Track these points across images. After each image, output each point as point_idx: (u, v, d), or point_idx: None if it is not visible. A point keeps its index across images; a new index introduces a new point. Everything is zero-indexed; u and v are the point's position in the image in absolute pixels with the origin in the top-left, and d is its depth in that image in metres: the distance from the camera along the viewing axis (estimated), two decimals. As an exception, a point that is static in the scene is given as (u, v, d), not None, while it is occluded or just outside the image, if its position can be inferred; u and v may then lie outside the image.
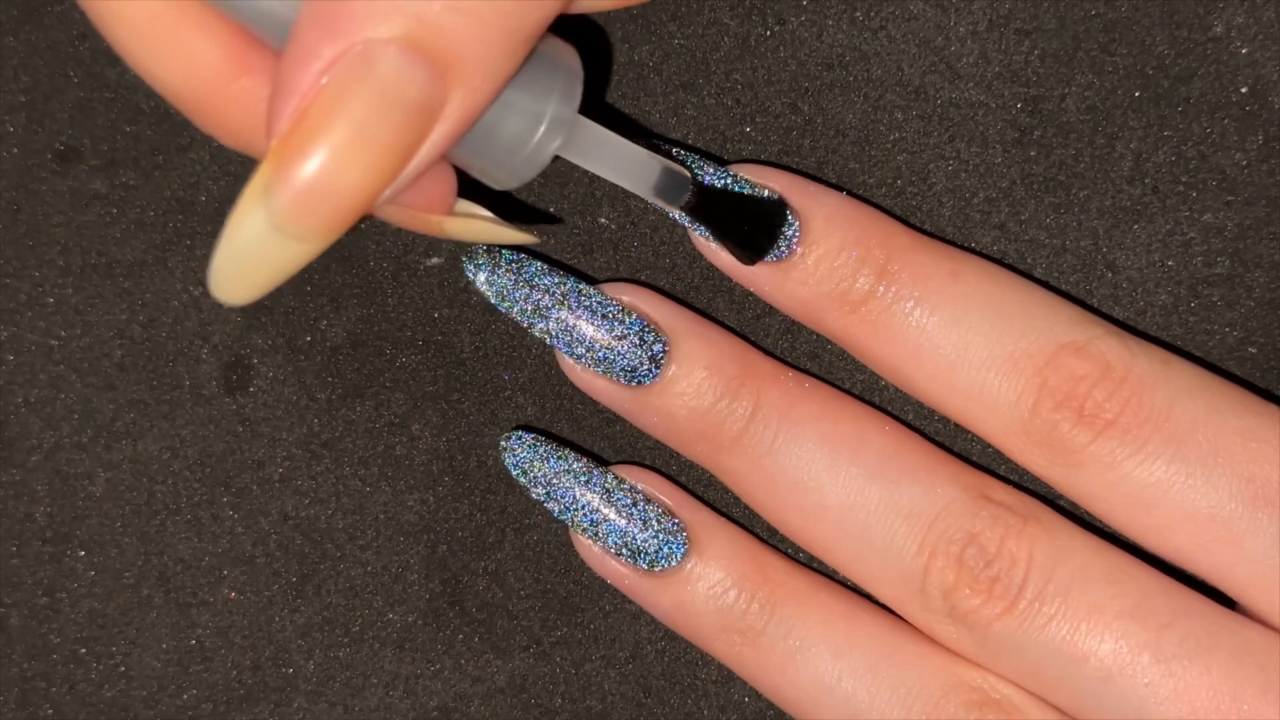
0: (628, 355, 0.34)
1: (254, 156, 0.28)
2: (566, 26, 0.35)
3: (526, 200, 0.36)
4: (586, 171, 0.35)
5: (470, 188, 0.30)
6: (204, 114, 0.28)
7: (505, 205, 0.35)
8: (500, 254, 0.34)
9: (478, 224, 0.30)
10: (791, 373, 0.35)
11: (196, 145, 0.36)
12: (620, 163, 0.31)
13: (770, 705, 0.36)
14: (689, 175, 0.31)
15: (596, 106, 0.35)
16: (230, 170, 0.36)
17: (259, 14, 0.27)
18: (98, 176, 0.36)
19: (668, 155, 0.33)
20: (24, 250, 0.36)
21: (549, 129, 0.29)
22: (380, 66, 0.25)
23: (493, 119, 0.28)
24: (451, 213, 0.30)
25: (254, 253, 0.26)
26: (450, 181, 0.29)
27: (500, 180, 0.29)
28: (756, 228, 0.33)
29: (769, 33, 0.35)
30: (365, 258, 0.36)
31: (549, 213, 0.36)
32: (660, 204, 0.31)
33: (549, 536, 0.37)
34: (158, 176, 0.36)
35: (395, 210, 0.29)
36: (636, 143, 0.31)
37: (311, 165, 0.25)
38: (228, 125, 0.28)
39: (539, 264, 0.34)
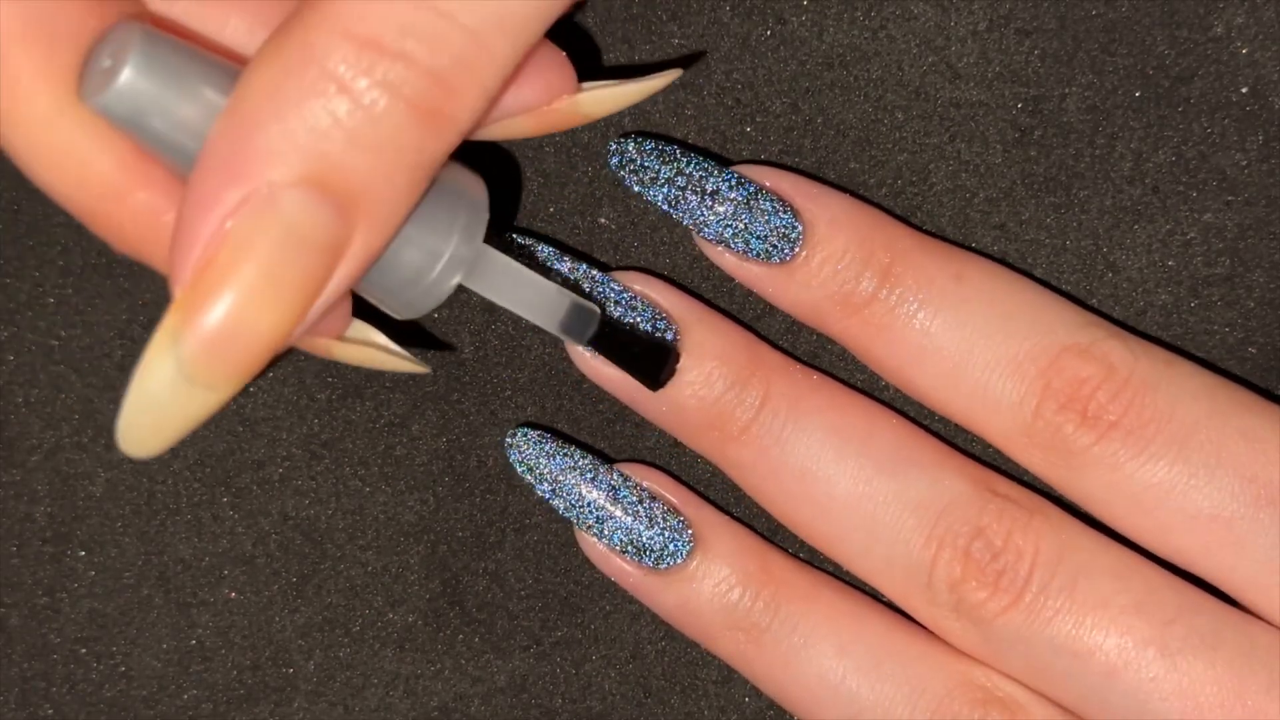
0: None
1: (148, 265, 0.28)
2: (559, 28, 0.35)
3: (525, 200, 0.36)
4: (586, 171, 0.36)
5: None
6: (98, 224, 0.28)
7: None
8: (511, 240, 0.34)
9: (369, 352, 0.30)
10: (799, 365, 0.35)
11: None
12: (526, 296, 0.31)
13: (770, 705, 0.36)
14: (597, 311, 0.31)
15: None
16: (230, 170, 0.36)
17: (160, 140, 0.26)
18: (98, 176, 0.36)
19: (576, 288, 0.33)
20: (24, 250, 0.36)
21: (447, 266, 0.28)
22: (286, 209, 0.25)
23: (392, 251, 0.27)
24: (343, 338, 0.30)
25: (164, 404, 0.26)
26: (345, 308, 0.29)
27: (398, 310, 0.29)
28: (654, 364, 0.33)
29: (769, 33, 0.35)
30: (365, 258, 0.36)
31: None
32: (565, 338, 0.31)
33: (549, 536, 0.37)
34: (158, 176, 0.36)
35: None
36: (550, 277, 0.31)
37: (220, 312, 0.25)
38: (123, 237, 0.28)
39: (551, 250, 0.34)
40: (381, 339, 0.30)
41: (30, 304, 0.36)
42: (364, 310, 0.30)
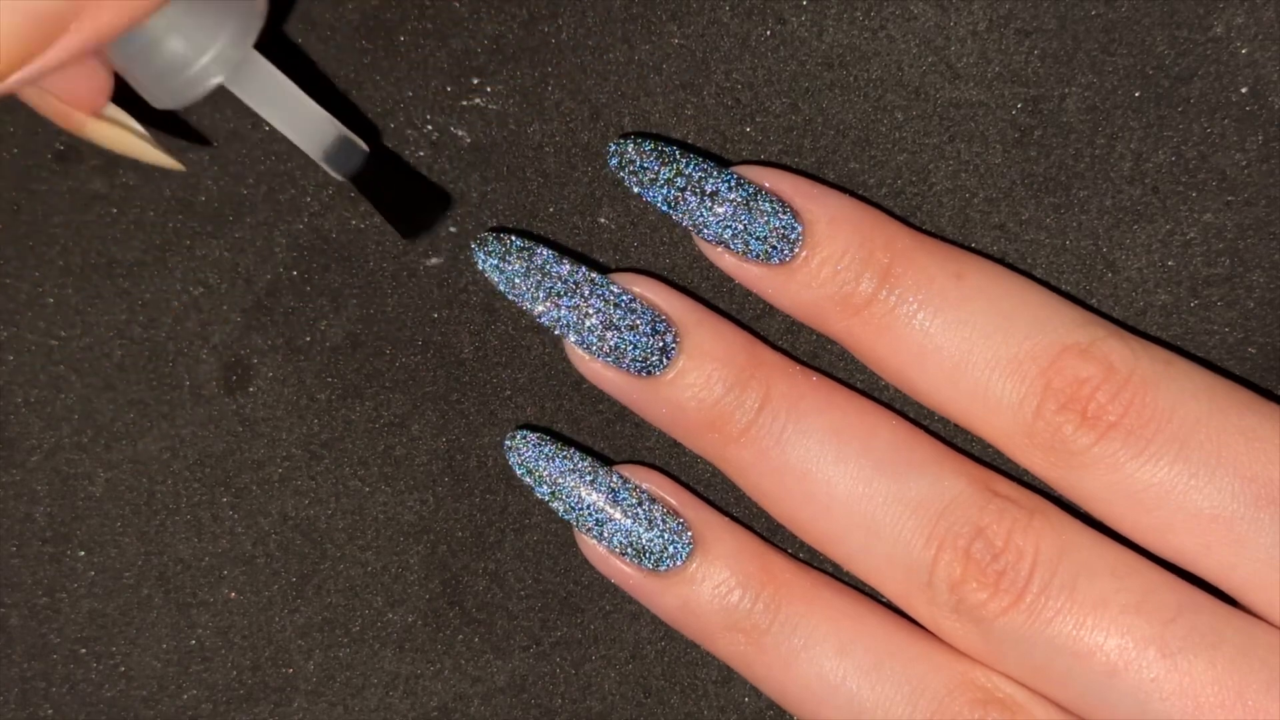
0: (639, 345, 0.34)
1: None
2: (554, 22, 0.35)
3: (525, 200, 0.36)
4: (586, 171, 0.36)
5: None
6: None
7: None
8: (511, 241, 0.34)
9: (121, 134, 0.30)
10: (799, 366, 0.35)
11: (196, 145, 0.36)
12: (294, 117, 0.31)
13: (770, 705, 0.36)
14: (365, 150, 0.31)
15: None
16: (230, 170, 0.36)
17: None
18: (97, 176, 0.36)
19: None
20: (24, 250, 0.36)
21: (212, 63, 0.29)
22: None
23: (157, 37, 0.28)
24: (99, 116, 0.30)
25: None
26: (102, 83, 0.29)
27: (158, 98, 0.29)
28: (418, 209, 0.33)
29: (769, 33, 0.35)
30: (365, 258, 0.36)
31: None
32: (327, 167, 0.31)
33: (549, 536, 0.37)
34: (158, 176, 0.36)
35: (38, 96, 0.28)
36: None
37: None
38: None
39: (550, 251, 0.34)
40: (135, 125, 0.31)
41: (30, 304, 0.36)
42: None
